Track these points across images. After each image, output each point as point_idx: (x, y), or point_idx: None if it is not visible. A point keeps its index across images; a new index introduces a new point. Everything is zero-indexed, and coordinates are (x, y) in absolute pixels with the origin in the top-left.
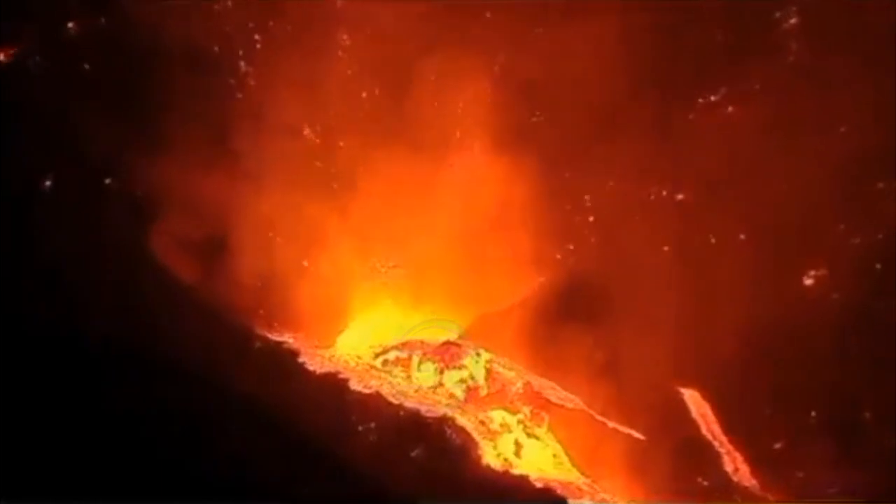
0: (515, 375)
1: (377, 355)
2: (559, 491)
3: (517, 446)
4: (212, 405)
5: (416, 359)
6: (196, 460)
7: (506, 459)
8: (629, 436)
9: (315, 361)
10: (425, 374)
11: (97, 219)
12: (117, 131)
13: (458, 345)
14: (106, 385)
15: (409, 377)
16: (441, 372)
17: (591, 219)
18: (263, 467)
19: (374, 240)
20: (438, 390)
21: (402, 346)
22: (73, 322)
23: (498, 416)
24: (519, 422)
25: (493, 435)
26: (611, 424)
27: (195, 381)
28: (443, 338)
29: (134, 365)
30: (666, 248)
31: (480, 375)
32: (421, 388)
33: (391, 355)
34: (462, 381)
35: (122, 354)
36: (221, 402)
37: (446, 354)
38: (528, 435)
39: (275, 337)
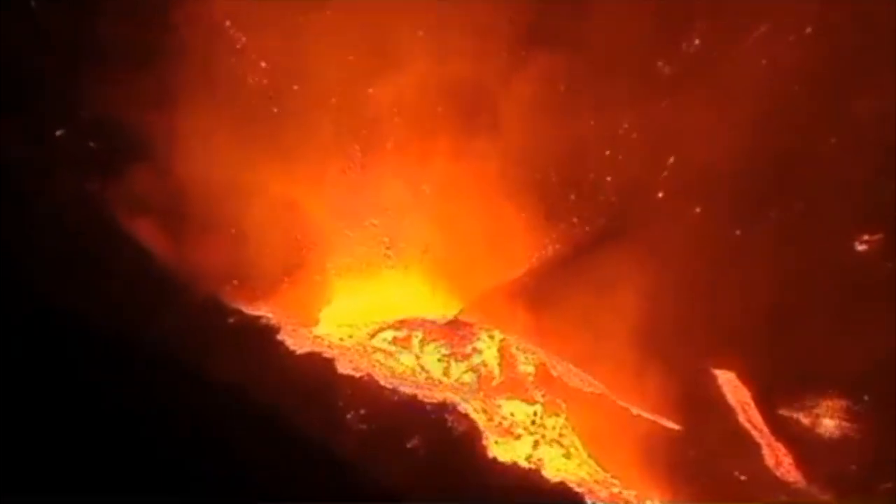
0: (528, 357)
1: (371, 334)
2: (575, 487)
3: (529, 437)
4: (177, 388)
5: (416, 339)
6: (158, 449)
7: (511, 446)
8: (655, 424)
9: (296, 339)
10: (430, 359)
11: (46, 177)
12: (71, 79)
13: (468, 324)
14: (58, 369)
15: (409, 360)
16: (448, 356)
17: (608, 178)
18: (235, 459)
19: (365, 200)
20: (445, 377)
21: (400, 323)
22: (21, 294)
23: (510, 405)
24: (534, 412)
25: (501, 425)
26: (635, 411)
27: (158, 361)
28: (446, 314)
29: (89, 345)
30: (698, 210)
31: (494, 361)
32: (424, 374)
33: (388, 334)
34: (473, 368)
35: (76, 333)
36: (188, 384)
37: (455, 336)
38: (543, 425)
39: (250, 311)
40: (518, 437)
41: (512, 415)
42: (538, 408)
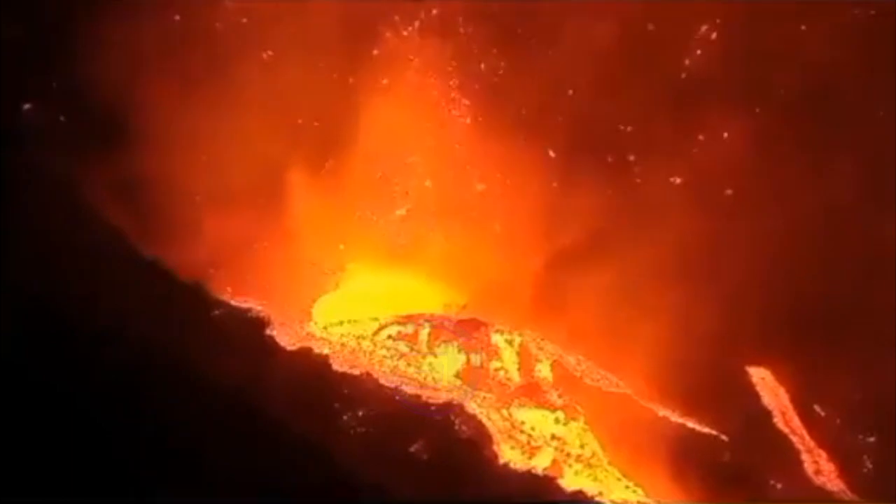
0: (547, 355)
1: (372, 330)
2: (594, 496)
3: (549, 449)
4: (157, 386)
5: (424, 336)
6: (135, 451)
7: (528, 457)
8: (683, 427)
9: (288, 334)
10: (442, 361)
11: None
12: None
13: (483, 324)
14: (30, 366)
15: (416, 359)
16: (463, 360)
17: (631, 157)
18: (222, 464)
19: (365, 185)
20: (458, 380)
21: (406, 318)
22: None
23: (529, 415)
24: (554, 419)
25: (513, 429)
26: (661, 413)
27: (135, 355)
28: (457, 308)
29: (62, 339)
30: (729, 192)
31: (513, 367)
32: (432, 375)
33: (392, 330)
34: (490, 374)
35: (47, 327)
36: (167, 382)
37: (470, 337)
38: (562, 437)
39: (238, 303)
40: (537, 448)
41: (533, 429)
42: (559, 415)
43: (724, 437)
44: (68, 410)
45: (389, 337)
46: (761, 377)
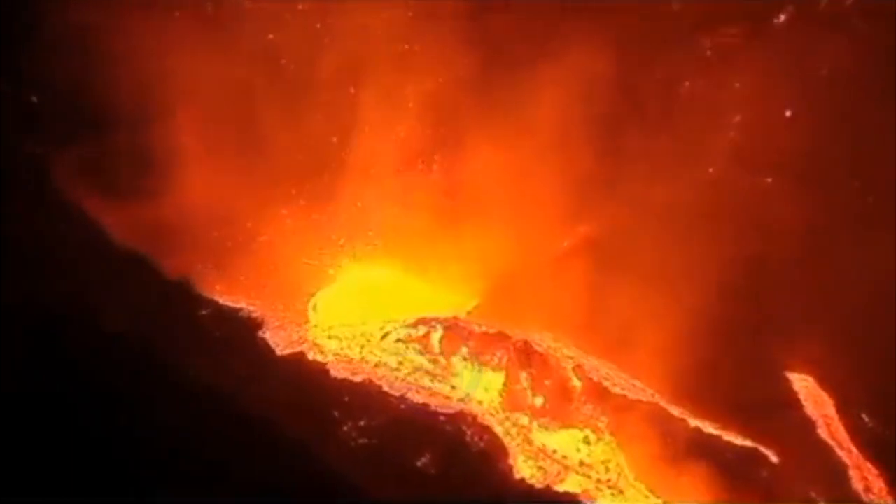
0: (568, 361)
1: (377, 334)
2: None
3: (574, 470)
4: (139, 393)
5: (435, 342)
6: (133, 452)
7: (547, 471)
8: (717, 439)
9: (283, 337)
10: (466, 379)
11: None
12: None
13: (502, 334)
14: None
15: (426, 366)
16: (478, 368)
17: (650, 151)
18: (218, 466)
19: (366, 175)
20: (473, 391)
21: (416, 322)
22: None
23: (553, 438)
24: (583, 437)
25: (545, 459)
26: (692, 423)
27: (117, 359)
28: (471, 310)
29: (39, 338)
30: (769, 180)
31: (534, 379)
32: (442, 383)
33: (400, 333)
34: (515, 391)
35: (23, 327)
36: (151, 387)
37: (487, 343)
38: (589, 463)
39: (228, 302)
40: (563, 479)
41: (565, 458)
42: (587, 433)
43: (761, 450)
44: (67, 410)
45: (398, 340)
46: (803, 384)
